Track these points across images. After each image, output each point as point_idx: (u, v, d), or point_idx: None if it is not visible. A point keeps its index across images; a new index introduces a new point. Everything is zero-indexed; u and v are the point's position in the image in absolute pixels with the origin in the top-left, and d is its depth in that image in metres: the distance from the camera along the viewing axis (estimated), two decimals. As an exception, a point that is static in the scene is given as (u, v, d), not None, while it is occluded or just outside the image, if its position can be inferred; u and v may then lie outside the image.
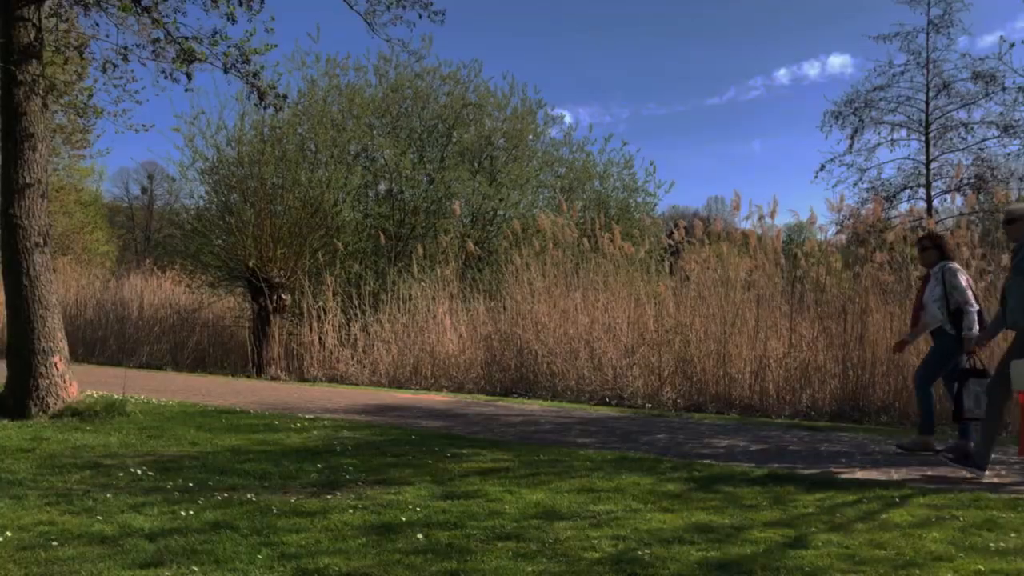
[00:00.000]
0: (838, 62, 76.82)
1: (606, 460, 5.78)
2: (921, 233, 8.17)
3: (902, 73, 24.70)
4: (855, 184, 25.71)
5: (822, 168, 25.66)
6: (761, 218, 10.37)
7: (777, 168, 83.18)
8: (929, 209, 23.95)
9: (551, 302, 10.70)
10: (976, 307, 6.08)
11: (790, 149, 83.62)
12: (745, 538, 3.88)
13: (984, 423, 5.46)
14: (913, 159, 25.46)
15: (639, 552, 3.65)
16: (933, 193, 24.85)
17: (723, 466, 5.63)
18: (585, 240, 11.25)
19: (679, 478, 5.21)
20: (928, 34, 24.19)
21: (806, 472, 5.44)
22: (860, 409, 8.41)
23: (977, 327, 5.98)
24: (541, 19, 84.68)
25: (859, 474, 5.41)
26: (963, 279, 6.18)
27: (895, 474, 5.42)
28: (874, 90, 25.09)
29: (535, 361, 10.35)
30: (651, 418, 8.24)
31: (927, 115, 24.75)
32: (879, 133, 25.58)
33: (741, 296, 9.74)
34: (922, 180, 25.02)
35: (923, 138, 25.01)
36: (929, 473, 5.47)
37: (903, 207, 24.43)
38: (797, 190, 79.87)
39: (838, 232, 11.18)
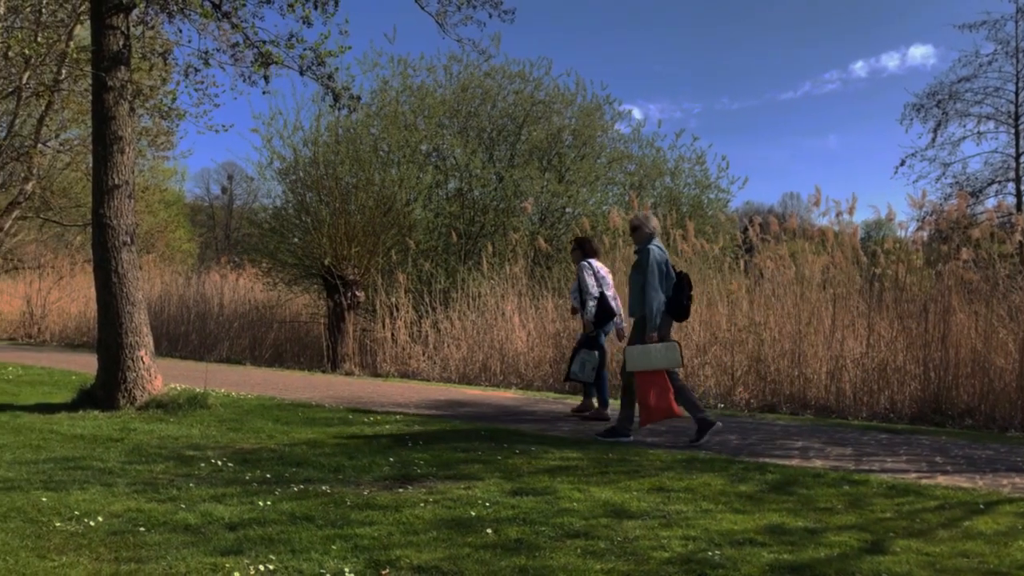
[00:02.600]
0: (919, 53, 74.28)
1: (676, 460, 5.73)
2: (997, 229, 9.13)
3: (989, 63, 23.76)
4: (938, 179, 24.86)
5: (902, 163, 24.88)
6: (839, 214, 10.12)
7: (854, 163, 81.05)
8: (1019, 204, 22.96)
9: (621, 300, 10.62)
10: (597, 296, 7.83)
11: (867, 144, 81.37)
12: (819, 541, 3.80)
13: (622, 397, 6.77)
14: (1001, 152, 24.45)
15: (709, 553, 3.61)
16: (1023, 187, 23.83)
17: (797, 468, 5.52)
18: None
19: (751, 479, 5.13)
20: (1017, 22, 23.21)
21: (884, 476, 5.29)
22: (942, 412, 8.13)
23: (592, 311, 7.78)
24: (608, 15, 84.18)
25: (941, 479, 5.23)
26: (588, 275, 7.86)
27: (980, 480, 5.22)
28: (959, 81, 24.19)
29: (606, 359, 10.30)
30: (723, 418, 8.12)
31: (1016, 106, 23.73)
32: (964, 126, 24.67)
33: (817, 294, 9.52)
34: (1011, 174, 24.01)
35: (1012, 130, 23.99)
36: (1017, 481, 5.26)
37: (990, 202, 23.50)
38: (875, 186, 77.49)
39: (919, 229, 10.78)
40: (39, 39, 13.45)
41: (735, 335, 9.61)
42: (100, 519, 3.99)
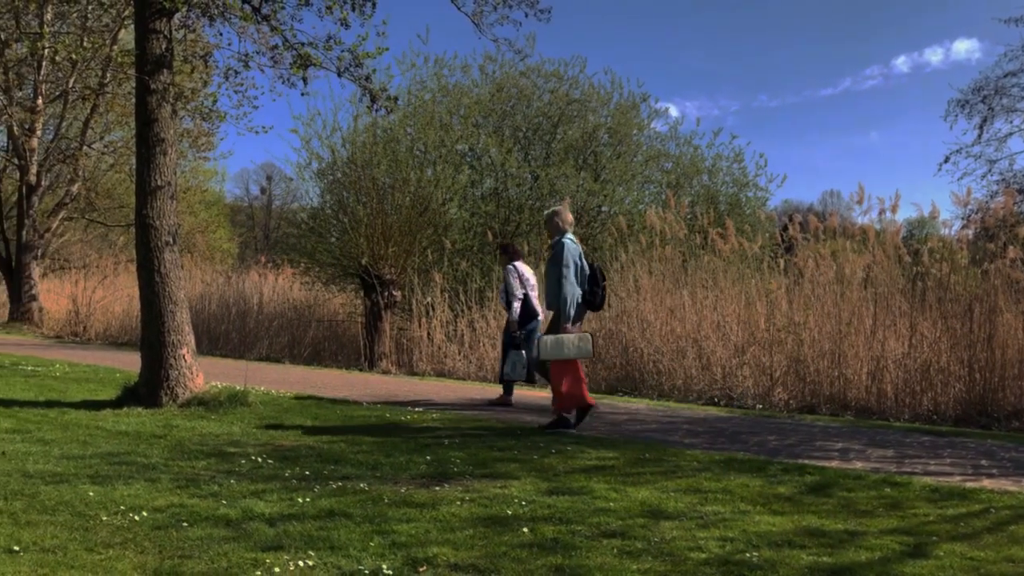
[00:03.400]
0: (963, 47, 72.77)
1: (714, 461, 5.68)
2: None
3: (1037, 58, 23.10)
4: (983, 176, 24.22)
5: (947, 160, 24.30)
6: (882, 212, 9.96)
7: (896, 160, 79.68)
8: (1069, 202, 22.37)
9: (657, 300, 10.58)
10: (520, 297, 8.35)
11: (910, 141, 79.95)
12: (860, 544, 3.75)
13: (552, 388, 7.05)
14: (1051, 148, 23.81)
15: (747, 554, 3.58)
16: (1074, 185, 23.18)
17: (837, 469, 5.44)
18: (695, 236, 11.06)
19: (790, 481, 5.07)
20: (1066, 15, 22.52)
21: (927, 479, 5.19)
22: (988, 414, 7.96)
23: (517, 311, 8.26)
24: (644, 12, 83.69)
25: (986, 483, 5.12)
26: (513, 278, 8.41)
27: (1027, 483, 5.11)
28: (1006, 76, 23.57)
29: (641, 359, 10.26)
30: (761, 419, 8.04)
31: (1066, 101, 23.07)
32: (1011, 122, 24.03)
33: (858, 294, 9.37)
34: (1061, 171, 23.35)
35: (1062, 126, 23.32)
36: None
37: (1038, 200, 22.89)
38: (917, 183, 76.09)
39: (964, 227, 10.57)
40: (85, 44, 13.74)
41: (774, 335, 9.51)
42: (144, 514, 4.07)
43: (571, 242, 6.82)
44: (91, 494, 4.42)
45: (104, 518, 4.00)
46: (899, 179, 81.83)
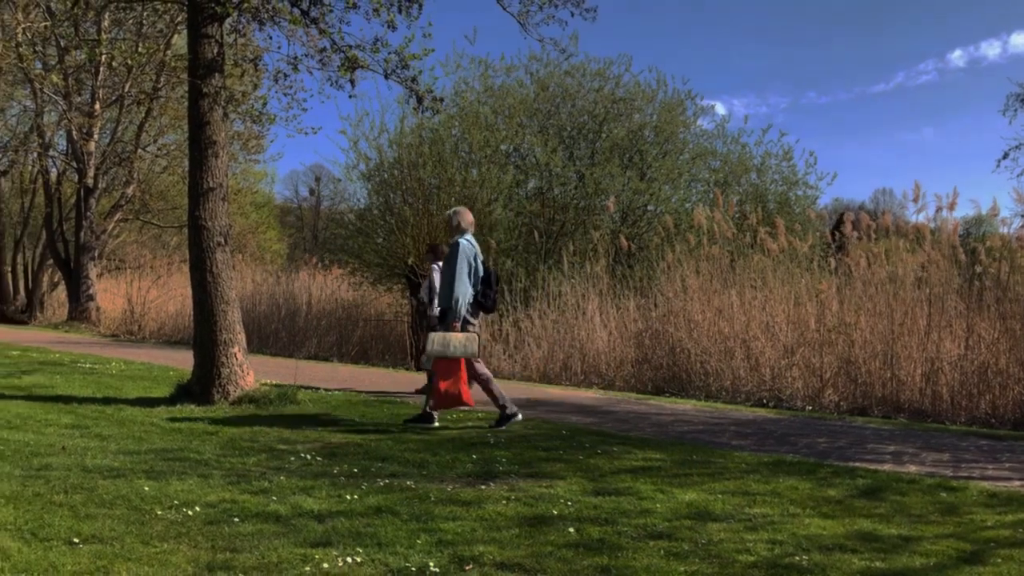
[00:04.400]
0: (1022, 40, 70.59)
1: (762, 463, 5.61)
2: None
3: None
4: (1045, 172, 23.51)
5: (1005, 156, 23.64)
6: (939, 210, 9.71)
7: (951, 157, 77.71)
8: None
9: (705, 299, 10.47)
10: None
11: (966, 136, 77.91)
12: (914, 549, 3.67)
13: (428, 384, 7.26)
14: (1114, 143, 22.99)
15: (797, 558, 3.53)
16: None
17: (890, 473, 5.33)
18: (743, 235, 10.91)
19: (841, 484, 4.98)
20: None
21: (985, 483, 5.06)
22: (1049, 418, 7.72)
23: (436, 309, 7.71)
24: (689, 8, 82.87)
25: (1047, 488, 4.97)
26: (437, 276, 8.27)
27: (1090, 490, 4.94)
28: (1067, 69, 22.82)
29: (688, 360, 10.17)
30: (811, 421, 7.91)
31: None
32: (1073, 116, 23.27)
33: (911, 294, 9.16)
34: (1125, 166, 22.54)
35: None
36: None
37: (1102, 196, 22.09)
38: (974, 180, 73.93)
39: (1024, 225, 10.26)
40: (140, 49, 14.10)
41: (824, 336, 9.34)
42: (197, 508, 4.16)
43: (467, 243, 6.93)
44: (146, 489, 4.54)
45: (159, 512, 4.09)
46: (954, 176, 79.78)
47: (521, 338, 12.02)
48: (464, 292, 6.80)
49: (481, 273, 6.98)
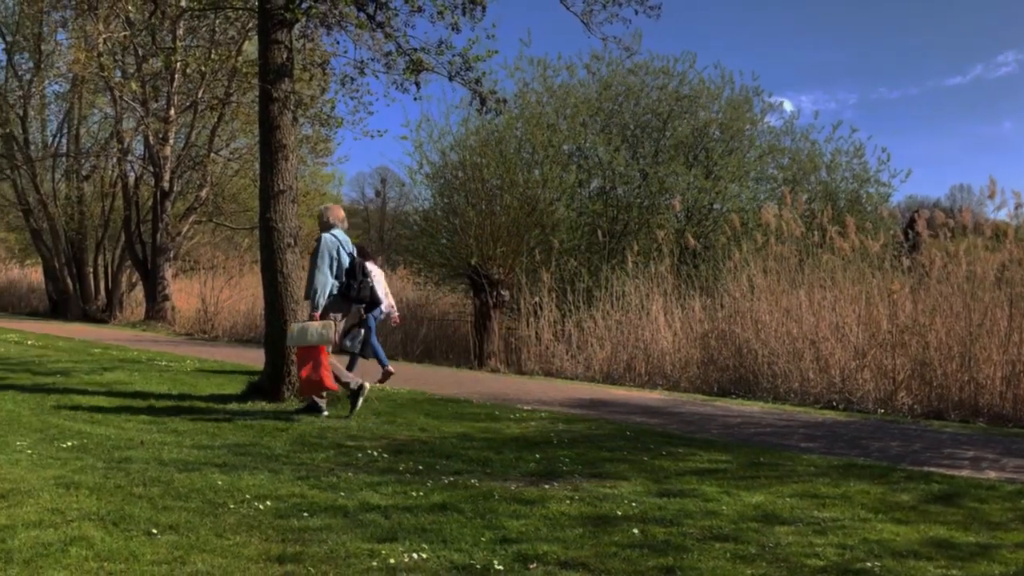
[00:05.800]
0: (1112, 28, 67.31)
1: (832, 466, 5.49)
2: None
3: None
4: None
5: (1093, 149, 22.59)
6: (1019, 206, 9.34)
7: (1035, 151, 74.50)
8: None
9: (772, 300, 10.28)
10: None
11: (1051, 129, 74.53)
12: (992, 558, 3.54)
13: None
14: None
15: (867, 563, 3.45)
16: None
17: (967, 479, 5.15)
18: (812, 234, 10.67)
19: (914, 489, 4.84)
20: None
21: (1069, 491, 4.85)
22: None
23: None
24: (754, 4, 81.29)
25: None
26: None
27: None
28: None
29: (755, 361, 9.99)
30: (883, 424, 7.70)
31: None
32: None
33: (991, 294, 8.83)
34: None
35: None
36: None
37: None
38: (1060, 175, 70.82)
39: (1114, 221, 9.77)
40: (213, 56, 14.49)
41: (896, 337, 9.07)
42: (268, 503, 4.28)
43: (331, 237, 7.41)
44: (219, 482, 4.68)
45: (231, 505, 4.22)
46: (1037, 171, 76.44)
47: (584, 338, 11.98)
48: (324, 283, 7.28)
49: (346, 265, 7.45)
